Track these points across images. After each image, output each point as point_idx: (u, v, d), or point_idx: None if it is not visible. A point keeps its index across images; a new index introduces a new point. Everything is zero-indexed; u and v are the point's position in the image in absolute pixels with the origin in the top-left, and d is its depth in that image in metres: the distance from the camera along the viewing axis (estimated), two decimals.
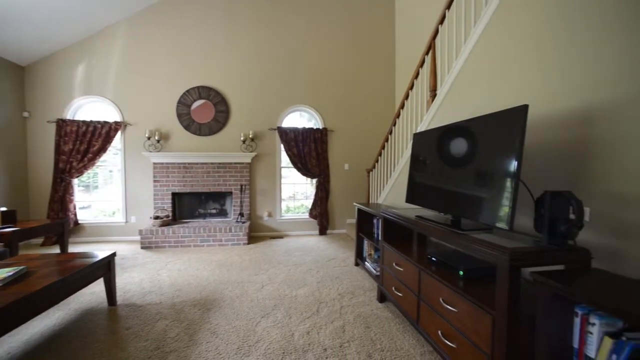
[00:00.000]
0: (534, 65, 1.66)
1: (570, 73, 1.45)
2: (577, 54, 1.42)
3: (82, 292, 2.53)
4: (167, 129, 4.52)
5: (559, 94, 1.50)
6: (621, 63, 1.24)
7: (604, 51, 1.31)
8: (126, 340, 1.88)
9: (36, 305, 1.69)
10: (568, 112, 1.46)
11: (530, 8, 1.70)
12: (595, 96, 1.34)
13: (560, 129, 1.48)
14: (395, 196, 3.41)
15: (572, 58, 1.45)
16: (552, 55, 1.55)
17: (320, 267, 3.28)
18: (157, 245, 4.02)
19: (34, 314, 1.68)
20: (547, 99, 1.56)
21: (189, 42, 4.54)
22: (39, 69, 4.27)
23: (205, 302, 2.42)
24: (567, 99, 1.46)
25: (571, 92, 1.45)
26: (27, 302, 1.60)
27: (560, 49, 1.51)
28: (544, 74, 1.60)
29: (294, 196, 5.21)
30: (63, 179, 4.21)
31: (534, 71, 1.66)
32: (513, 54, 1.81)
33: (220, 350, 1.78)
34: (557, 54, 1.53)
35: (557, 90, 1.52)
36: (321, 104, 4.95)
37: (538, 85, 1.63)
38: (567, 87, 1.46)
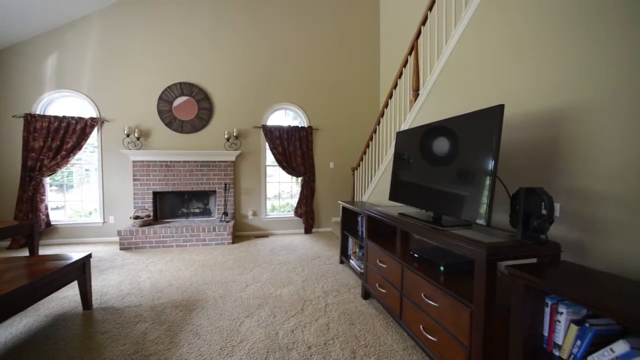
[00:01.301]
0: (511, 65, 1.73)
1: (546, 73, 1.52)
2: (552, 54, 1.49)
3: (53, 296, 2.42)
4: (148, 126, 4.37)
5: (535, 93, 1.57)
6: (589, 63, 1.31)
7: (574, 51, 1.38)
8: (103, 345, 1.81)
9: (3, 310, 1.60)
10: (542, 111, 1.52)
11: (508, 9, 1.76)
12: (567, 96, 1.41)
13: (535, 128, 1.55)
14: (380, 194, 3.45)
15: (547, 58, 1.52)
16: (529, 55, 1.62)
17: (305, 265, 3.28)
18: (137, 246, 3.89)
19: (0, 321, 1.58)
20: (524, 98, 1.63)
21: (171, 37, 4.40)
22: (4, 58, 4.01)
23: (187, 303, 2.36)
24: (542, 98, 1.53)
25: (546, 92, 1.51)
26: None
27: (536, 49, 1.57)
28: (521, 73, 1.66)
29: (280, 195, 5.17)
30: (33, 177, 3.99)
31: (511, 71, 1.72)
32: (491, 54, 1.87)
33: (202, 352, 1.75)
34: (533, 54, 1.59)
35: (533, 90, 1.58)
36: (306, 102, 4.93)
37: (514, 85, 1.70)
38: (543, 86, 1.53)
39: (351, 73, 5.12)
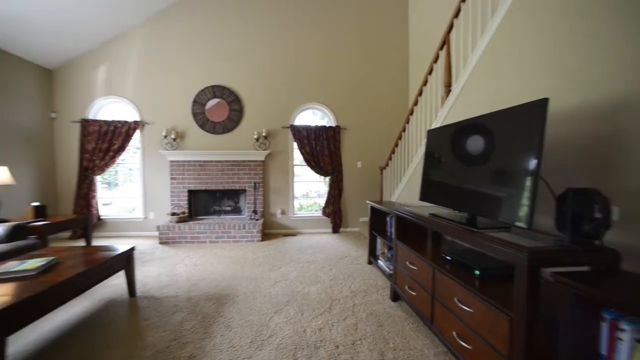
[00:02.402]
0: (554, 56, 1.59)
1: (593, 63, 1.38)
2: (600, 43, 1.35)
3: (105, 283, 2.64)
4: (183, 127, 4.63)
5: (582, 85, 1.43)
6: None
7: (630, 40, 1.24)
8: (145, 331, 1.95)
9: (65, 294, 1.79)
10: (591, 105, 1.39)
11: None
12: (620, 87, 1.27)
13: (584, 122, 1.42)
14: (409, 194, 3.36)
15: (595, 47, 1.38)
16: (574, 44, 1.48)
17: (333, 265, 3.28)
18: (174, 241, 4.14)
19: (62, 302, 1.78)
20: (569, 91, 1.49)
21: (204, 42, 4.63)
22: (64, 71, 4.48)
23: (220, 296, 2.47)
24: (590, 90, 1.39)
25: (594, 84, 1.37)
26: (57, 290, 1.70)
27: (583, 38, 1.43)
28: (565, 64, 1.52)
29: (307, 194, 5.22)
30: (87, 176, 4.41)
31: (555, 62, 1.59)
32: (532, 45, 1.73)
33: (234, 344, 1.82)
34: (579, 42, 1.46)
35: (580, 82, 1.44)
36: (334, 101, 4.93)
37: (558, 78, 1.56)
38: (590, 78, 1.39)
39: (379, 71, 5.03)
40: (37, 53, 4.07)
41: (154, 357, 1.69)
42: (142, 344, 1.80)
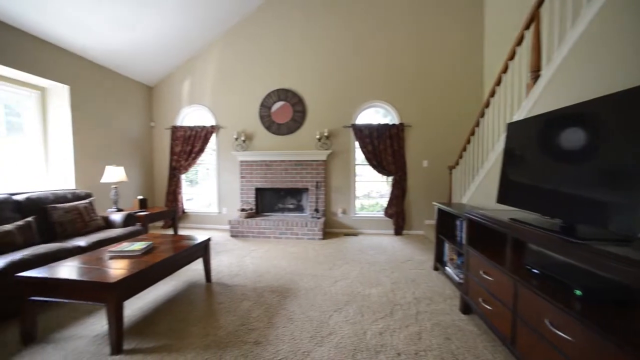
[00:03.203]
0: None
1: None
2: None
3: (187, 267, 3.02)
4: (252, 130, 5.02)
5: None
6: None
7: None
8: (219, 313, 2.16)
9: (160, 273, 2.12)
10: None
11: None
12: None
13: None
14: (483, 196, 3.00)
15: None
16: None
17: (395, 268, 3.14)
18: (243, 235, 4.52)
19: (158, 279, 2.12)
20: None
21: (269, 51, 4.93)
22: (160, 87, 5.31)
23: (282, 290, 2.59)
24: None
25: None
26: (155, 269, 2.02)
27: None
28: None
29: (369, 194, 5.12)
30: (174, 175, 5.13)
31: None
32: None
33: (295, 336, 1.88)
34: None
35: None
36: (397, 98, 4.72)
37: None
38: None
39: (448, 63, 4.61)
40: (142, 74, 4.90)
41: (225, 337, 1.85)
42: (216, 325, 2.00)
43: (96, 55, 4.07)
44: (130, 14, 3.67)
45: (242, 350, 1.74)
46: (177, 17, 4.10)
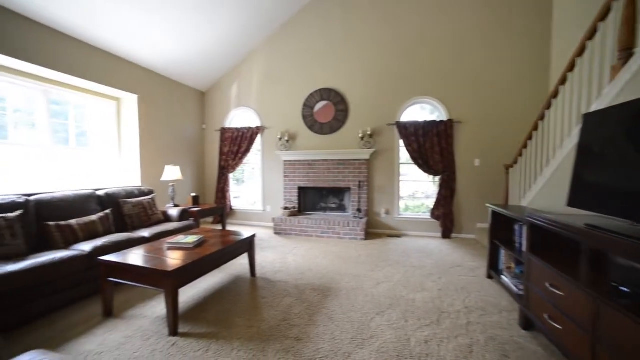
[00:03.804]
0: None
1: None
2: None
3: (234, 261, 3.19)
4: (295, 130, 5.13)
5: None
6: None
7: None
8: (262, 307, 2.23)
9: (210, 265, 2.27)
10: None
11: None
12: None
13: None
14: (548, 198, 2.65)
15: None
16: None
17: (443, 273, 2.94)
18: (286, 232, 4.63)
19: (208, 271, 2.26)
20: None
21: (311, 51, 4.98)
22: (211, 92, 5.70)
23: (323, 288, 2.59)
24: None
25: None
26: (205, 261, 2.17)
27: None
28: None
29: (414, 195, 4.89)
30: (223, 174, 5.47)
31: None
32: None
33: (335, 336, 1.86)
34: None
35: None
36: (445, 93, 4.42)
37: None
38: None
39: (509, 54, 4.17)
40: (196, 81, 5.32)
41: (268, 331, 1.91)
42: (260, 318, 2.06)
43: (158, 66, 4.52)
44: (187, 27, 4.00)
45: (284, 345, 1.77)
46: (226, 26, 4.36)
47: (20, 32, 2.91)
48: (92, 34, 3.48)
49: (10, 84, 3.06)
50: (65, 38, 3.33)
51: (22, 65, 3.00)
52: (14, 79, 3.07)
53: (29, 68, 3.08)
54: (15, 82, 3.09)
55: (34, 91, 3.27)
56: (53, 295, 2.13)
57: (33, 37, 3.01)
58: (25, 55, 2.95)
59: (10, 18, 2.83)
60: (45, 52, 3.12)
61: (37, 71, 3.17)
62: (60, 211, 2.72)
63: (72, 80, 3.50)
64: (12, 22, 2.85)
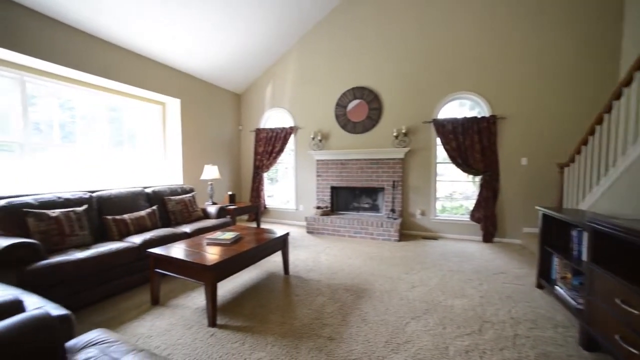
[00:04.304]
0: None
1: None
2: None
3: (268, 259, 3.27)
4: (327, 129, 5.12)
5: None
6: None
7: None
8: (295, 304, 2.26)
9: (246, 261, 2.34)
10: None
11: None
12: None
13: None
14: (616, 201, 2.34)
15: None
16: None
17: (485, 279, 2.75)
18: (318, 232, 4.65)
19: (243, 267, 2.34)
20: None
21: (344, 50, 4.93)
22: (247, 94, 5.91)
23: (356, 289, 2.55)
24: None
25: None
26: (242, 257, 2.25)
27: None
28: None
29: (451, 195, 4.64)
30: (257, 173, 5.64)
31: None
32: None
33: (369, 338, 1.81)
34: None
35: None
36: (488, 87, 4.12)
37: None
38: None
39: (567, 43, 3.77)
40: (232, 83, 5.55)
41: (301, 328, 1.92)
42: (293, 315, 2.09)
43: (198, 71, 4.79)
44: (225, 34, 4.18)
45: (317, 343, 1.77)
46: (262, 29, 4.49)
47: (85, 47, 3.26)
48: (143, 46, 3.78)
49: (79, 94, 3.43)
50: (122, 50, 3.66)
51: (89, 77, 3.36)
52: (83, 90, 3.45)
53: (94, 80, 3.44)
54: (83, 93, 3.47)
55: (96, 99, 3.64)
56: (111, 281, 2.36)
57: (99, 53, 3.36)
58: (90, 68, 3.30)
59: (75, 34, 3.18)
60: (107, 64, 3.46)
61: (100, 82, 3.51)
62: (115, 206, 3.00)
63: (126, 88, 3.84)
64: (79, 39, 3.20)
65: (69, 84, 3.32)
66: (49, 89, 3.17)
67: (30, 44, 2.80)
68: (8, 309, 1.10)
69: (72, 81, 3.34)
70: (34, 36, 2.84)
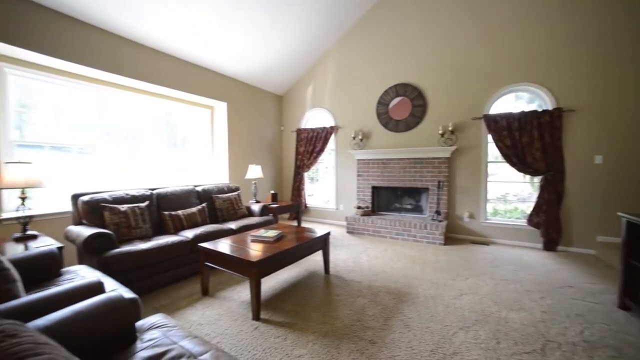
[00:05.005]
0: None
1: None
2: None
3: (309, 257, 3.31)
4: (369, 128, 5.03)
5: None
6: None
7: None
8: (336, 304, 2.25)
9: (288, 259, 2.40)
10: None
11: None
12: None
13: None
14: None
15: None
16: None
17: (547, 293, 2.46)
18: (359, 232, 4.59)
19: (285, 265, 2.40)
20: None
21: (385, 46, 4.78)
22: (288, 95, 6.07)
23: (399, 293, 2.46)
24: None
25: None
26: (284, 255, 2.31)
27: None
28: None
29: (504, 197, 4.25)
30: (298, 173, 5.75)
31: None
32: None
33: (412, 345, 1.74)
34: None
35: None
36: (551, 76, 3.68)
37: None
38: None
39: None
40: (274, 86, 5.74)
41: (342, 329, 1.91)
42: (334, 315, 2.08)
43: (243, 75, 5.04)
44: (268, 37, 4.34)
45: (358, 345, 1.74)
46: (303, 31, 4.57)
47: (152, 61, 3.64)
48: (198, 56, 4.10)
49: (140, 101, 3.85)
50: (177, 60, 4.01)
51: (149, 86, 3.75)
52: (144, 97, 3.86)
53: (153, 88, 3.82)
54: (143, 100, 3.88)
55: (154, 105, 4.03)
56: (166, 271, 2.59)
57: (162, 65, 3.73)
58: (155, 78, 3.70)
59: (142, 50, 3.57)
60: (165, 73, 3.82)
61: (157, 89, 3.90)
62: (171, 203, 3.29)
63: (179, 94, 4.20)
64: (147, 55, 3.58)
65: (133, 92, 3.73)
66: (117, 97, 3.60)
67: (105, 61, 3.21)
68: (94, 289, 1.35)
69: (135, 90, 3.75)
70: (109, 54, 3.24)
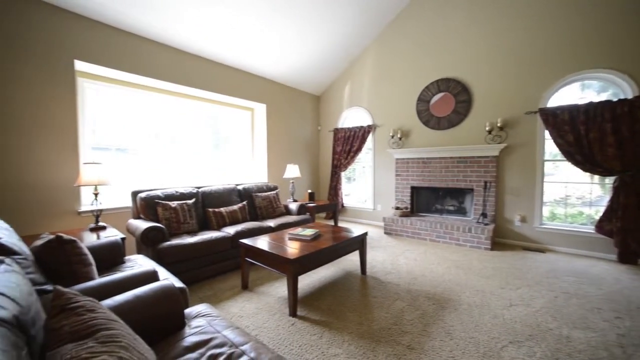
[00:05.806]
0: None
1: None
2: None
3: (345, 257, 3.30)
4: (408, 126, 4.85)
5: None
6: None
7: None
8: (372, 306, 2.21)
9: (324, 258, 2.41)
10: None
11: None
12: None
13: None
14: None
15: None
16: None
17: (623, 312, 2.14)
18: (397, 233, 4.45)
19: (322, 264, 2.41)
20: None
21: (425, 39, 4.55)
22: (325, 95, 6.10)
23: (439, 298, 2.33)
24: None
25: None
26: (321, 254, 2.33)
27: None
28: None
29: (565, 200, 3.79)
30: (335, 172, 5.75)
31: None
32: None
33: (454, 355, 1.64)
34: None
35: None
36: (630, 59, 3.19)
37: None
38: None
39: None
40: (311, 86, 5.81)
41: (378, 332, 1.86)
42: (370, 317, 2.05)
43: (281, 77, 5.18)
44: (305, 38, 4.40)
45: (395, 350, 1.69)
46: (340, 31, 4.55)
47: (194, 67, 3.92)
48: (237, 59, 4.31)
49: (187, 105, 4.16)
50: (220, 66, 4.27)
51: (195, 91, 4.04)
52: (189, 101, 4.17)
53: (199, 93, 4.11)
54: (189, 103, 4.19)
55: (199, 109, 4.33)
56: (210, 265, 2.76)
57: (205, 71, 4.01)
58: (200, 84, 3.97)
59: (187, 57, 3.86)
60: (212, 80, 4.10)
61: (202, 94, 4.18)
62: (215, 200, 3.50)
63: (222, 98, 4.45)
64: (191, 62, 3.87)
65: (182, 98, 4.05)
66: (166, 102, 3.92)
67: (151, 69, 3.53)
68: (150, 277, 1.52)
69: (184, 95, 4.05)
70: (158, 62, 3.56)
